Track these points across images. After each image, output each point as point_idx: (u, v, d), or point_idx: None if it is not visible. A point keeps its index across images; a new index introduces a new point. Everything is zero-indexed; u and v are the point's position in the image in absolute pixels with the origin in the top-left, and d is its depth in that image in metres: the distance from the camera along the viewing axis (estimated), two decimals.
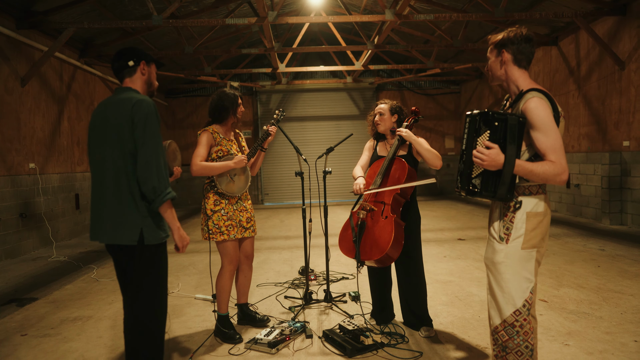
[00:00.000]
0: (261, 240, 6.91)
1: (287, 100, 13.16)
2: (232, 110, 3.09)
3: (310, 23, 10.59)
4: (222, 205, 3.04)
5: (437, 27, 8.31)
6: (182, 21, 6.61)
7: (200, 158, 2.98)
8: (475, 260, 5.08)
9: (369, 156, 3.20)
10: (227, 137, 3.15)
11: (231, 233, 3.03)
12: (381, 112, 3.08)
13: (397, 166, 2.91)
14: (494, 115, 1.84)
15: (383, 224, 2.79)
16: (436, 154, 2.86)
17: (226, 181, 3.04)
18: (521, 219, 1.90)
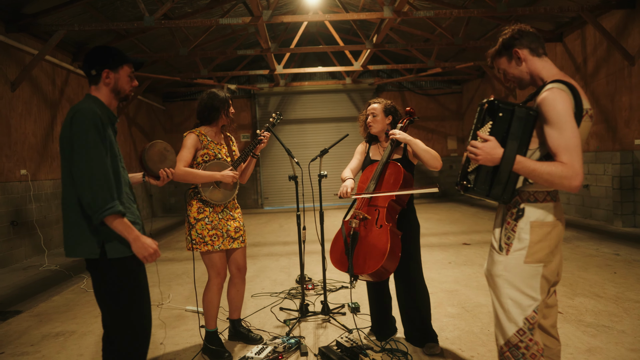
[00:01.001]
0: (259, 247, 6.69)
1: (285, 102, 12.97)
2: (222, 111, 2.88)
3: (307, 24, 10.41)
4: (206, 214, 2.83)
5: (438, 25, 8.09)
6: (174, 22, 6.42)
7: (183, 162, 2.77)
8: (482, 267, 4.84)
9: (361, 160, 2.97)
10: (216, 140, 2.94)
11: (216, 243, 2.81)
12: (374, 112, 2.85)
13: (392, 170, 2.68)
14: (498, 105, 1.64)
15: (377, 233, 2.56)
16: (434, 154, 2.63)
17: (210, 188, 2.82)
18: (524, 229, 1.68)
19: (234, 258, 2.97)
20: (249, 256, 5.98)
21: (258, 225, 9.13)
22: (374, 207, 2.66)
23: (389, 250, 2.46)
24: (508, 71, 1.81)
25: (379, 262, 2.46)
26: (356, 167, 2.95)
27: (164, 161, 2.22)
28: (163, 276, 5.11)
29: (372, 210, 2.66)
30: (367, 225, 2.64)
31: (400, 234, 2.60)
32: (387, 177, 2.68)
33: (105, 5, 6.93)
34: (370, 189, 2.67)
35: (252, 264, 5.53)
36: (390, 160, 2.74)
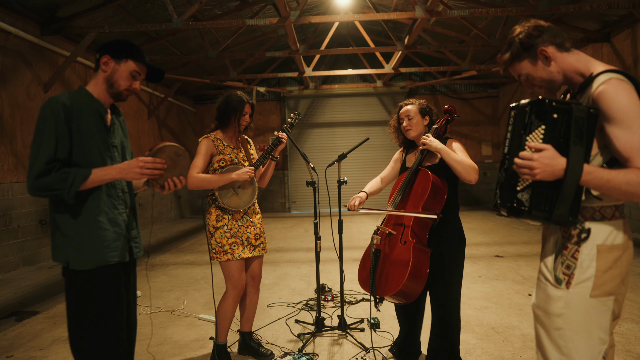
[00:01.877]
0: (281, 252, 6.54)
1: (315, 105, 12.83)
2: (233, 117, 2.74)
3: (337, 26, 10.23)
4: (225, 221, 2.71)
5: (473, 26, 7.73)
6: (202, 23, 6.38)
7: (197, 169, 2.65)
8: (515, 282, 4.49)
9: (394, 168, 2.73)
10: (232, 145, 2.80)
11: (235, 252, 2.68)
12: (409, 115, 2.57)
13: (421, 179, 2.42)
14: (551, 104, 1.33)
15: (400, 251, 2.32)
16: (469, 165, 2.31)
17: (229, 194, 2.70)
18: (589, 255, 1.38)
19: (249, 266, 2.84)
20: (270, 262, 5.83)
21: (283, 230, 8.99)
22: (400, 223, 2.42)
23: (411, 270, 2.21)
24: (534, 75, 1.52)
25: (399, 283, 2.23)
26: (387, 176, 2.72)
27: (175, 168, 1.91)
28: (181, 280, 5.03)
29: (398, 226, 2.43)
30: (391, 242, 2.41)
31: (429, 251, 2.35)
32: (415, 187, 2.43)
33: (136, 7, 7.00)
34: (396, 201, 2.44)
35: (272, 270, 5.38)
36: (421, 167, 2.48)
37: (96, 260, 1.72)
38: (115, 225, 1.79)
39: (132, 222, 1.91)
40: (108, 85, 1.80)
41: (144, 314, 3.84)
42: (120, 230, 1.81)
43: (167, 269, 5.64)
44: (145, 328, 3.46)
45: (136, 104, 9.53)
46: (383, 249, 2.43)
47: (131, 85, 1.82)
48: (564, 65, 1.48)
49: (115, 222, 1.80)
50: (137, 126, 9.55)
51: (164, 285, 4.80)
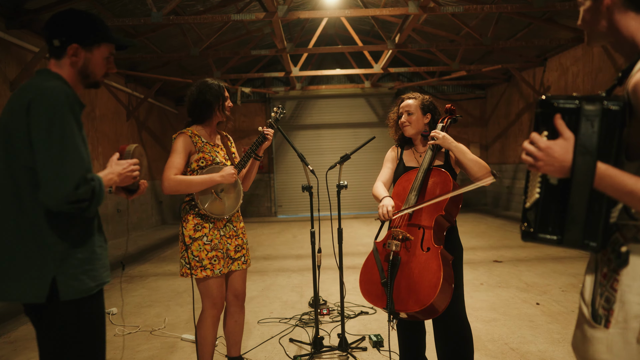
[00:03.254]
0: (269, 260, 6.19)
1: (301, 106, 12.52)
2: (216, 105, 2.40)
3: (325, 25, 9.94)
4: (205, 231, 2.34)
5: (465, 24, 7.53)
6: (183, 18, 6.02)
7: (174, 170, 2.28)
8: (520, 290, 4.24)
9: (393, 169, 2.44)
10: (212, 142, 2.46)
11: (216, 267, 2.32)
12: (409, 110, 2.32)
13: (437, 179, 2.15)
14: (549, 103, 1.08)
15: (425, 258, 2.02)
16: (483, 164, 2.12)
17: (211, 199, 2.34)
18: (632, 286, 1.06)
19: (230, 282, 2.48)
20: (258, 271, 5.48)
21: (270, 236, 8.64)
22: (417, 225, 2.12)
23: (443, 280, 1.92)
24: (582, 12, 1.23)
25: (429, 297, 1.92)
26: (388, 179, 2.42)
27: (141, 170, 1.69)
28: (162, 294, 4.64)
29: (414, 229, 2.12)
30: (409, 248, 2.10)
31: (451, 259, 2.07)
32: (430, 188, 2.16)
33: (112, 1, 6.58)
34: (411, 202, 2.13)
35: (261, 280, 5.03)
36: (433, 167, 2.21)
37: (92, 285, 1.44)
38: (105, 243, 1.56)
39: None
40: (82, 77, 1.51)
41: (120, 335, 3.45)
42: (103, 244, 1.55)
43: (146, 281, 5.23)
44: (117, 353, 3.08)
45: (114, 104, 9.06)
46: (401, 255, 2.12)
47: (108, 70, 1.56)
48: (619, 24, 1.13)
49: (104, 240, 1.55)
50: (115, 128, 9.07)
51: (142, 300, 4.41)
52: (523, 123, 10.46)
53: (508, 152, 11.24)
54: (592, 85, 7.82)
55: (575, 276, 4.63)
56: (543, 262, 5.37)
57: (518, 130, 10.72)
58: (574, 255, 5.65)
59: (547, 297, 3.99)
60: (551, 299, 3.91)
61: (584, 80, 8.07)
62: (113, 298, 4.49)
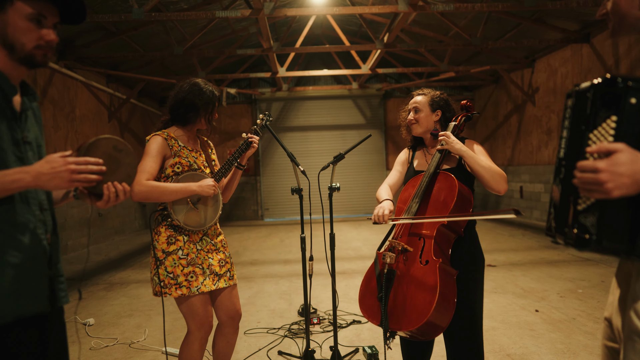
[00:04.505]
0: (256, 266, 5.97)
1: (288, 108, 12.33)
2: (204, 113, 2.18)
3: (312, 25, 9.79)
4: (180, 244, 2.11)
5: (454, 24, 7.44)
6: (166, 14, 5.81)
7: (146, 175, 2.03)
8: (517, 296, 4.11)
9: (402, 172, 2.25)
10: (190, 146, 2.23)
11: (193, 284, 2.09)
12: (417, 106, 2.14)
13: (442, 185, 1.97)
14: (626, 84, 0.93)
15: (422, 273, 1.84)
16: (499, 172, 1.93)
17: (186, 209, 2.11)
18: None
19: (221, 302, 2.24)
20: (245, 277, 5.26)
21: (257, 240, 8.41)
22: (417, 235, 1.94)
23: (439, 298, 1.74)
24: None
25: (423, 315, 1.74)
26: (396, 183, 2.23)
27: (117, 168, 1.34)
28: (144, 302, 4.39)
29: (414, 240, 1.94)
30: (407, 261, 1.91)
31: (455, 274, 1.88)
32: (435, 194, 1.97)
33: None
34: (412, 209, 1.95)
35: (247, 287, 4.82)
36: (440, 170, 2.03)
37: (15, 311, 1.17)
38: (30, 259, 1.22)
39: (56, 252, 1.33)
40: (7, 49, 1.21)
41: (96, 348, 3.21)
42: (38, 266, 1.25)
43: (127, 288, 4.97)
44: None
45: (94, 105, 8.74)
46: (398, 269, 1.93)
47: (41, 38, 1.22)
48: None
49: (30, 254, 1.22)
50: (96, 130, 8.74)
51: (122, 310, 4.16)
52: (511, 125, 10.43)
53: (496, 154, 11.20)
54: None
55: (572, 281, 4.52)
56: (537, 266, 5.27)
57: (506, 132, 10.69)
58: (569, 259, 5.56)
59: (545, 303, 3.86)
60: (550, 306, 3.78)
61: (574, 81, 8.05)
62: (91, 307, 4.24)
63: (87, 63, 8.25)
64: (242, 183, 12.17)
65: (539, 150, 9.22)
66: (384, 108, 12.42)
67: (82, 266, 6.40)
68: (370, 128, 12.26)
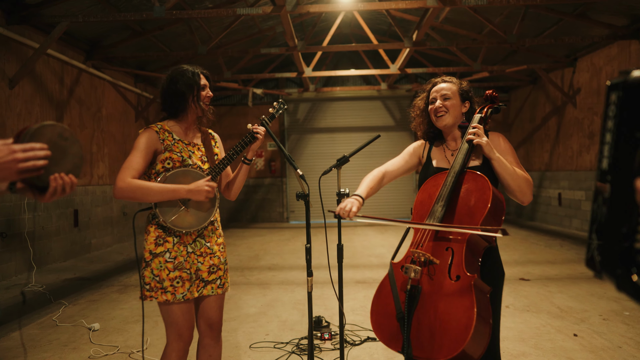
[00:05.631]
0: (274, 271, 5.77)
1: (315, 109, 12.12)
2: (190, 96, 1.99)
3: (339, 24, 9.56)
4: (168, 246, 1.94)
5: (489, 21, 7.02)
6: (187, 12, 5.70)
7: (132, 172, 1.86)
8: (553, 316, 3.71)
9: (409, 163, 2.00)
10: (187, 139, 2.05)
11: (179, 291, 1.91)
12: (446, 94, 1.87)
13: (471, 186, 1.69)
14: None
15: (454, 290, 1.56)
16: (526, 180, 1.71)
17: (174, 209, 1.92)
18: None
19: (203, 309, 2.05)
20: (261, 284, 5.07)
21: (279, 243, 8.23)
22: (445, 242, 1.66)
23: (477, 322, 1.46)
24: None
25: (458, 343, 1.47)
26: (395, 171, 1.98)
27: (63, 158, 1.20)
28: (154, 307, 4.25)
29: (440, 249, 1.66)
30: (433, 275, 1.63)
31: (488, 291, 1.60)
32: (463, 197, 1.69)
33: None
34: (437, 214, 1.68)
35: (261, 295, 4.62)
36: (468, 168, 1.76)
37: None
38: None
39: None
40: None
41: (95, 357, 3.08)
42: None
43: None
44: None
45: (121, 104, 8.82)
46: (423, 285, 1.65)
47: None
48: None
49: None
50: (123, 130, 8.83)
51: (131, 315, 4.04)
52: (550, 128, 9.82)
53: (533, 159, 10.60)
54: None
55: (617, 301, 4.06)
56: (576, 282, 4.81)
57: (544, 135, 10.09)
58: None
59: (585, 326, 3.45)
60: (591, 329, 3.37)
61: None
62: (101, 310, 4.15)
63: (115, 63, 8.32)
64: (268, 185, 12.06)
65: (580, 155, 8.61)
66: None
67: (102, 266, 6.40)
68: (400, 130, 11.89)
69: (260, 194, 11.95)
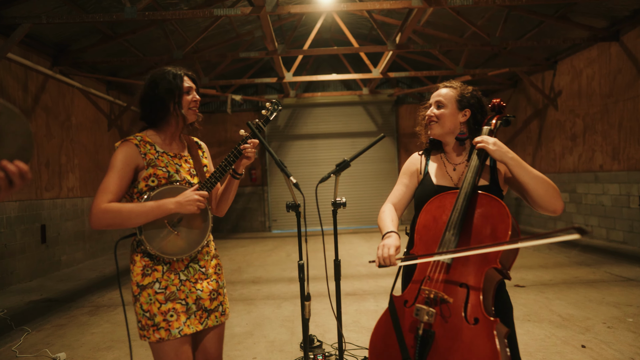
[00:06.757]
0: (258, 285, 5.46)
1: (296, 115, 11.88)
2: (172, 102, 1.71)
3: (320, 29, 9.38)
4: (157, 275, 1.65)
5: (472, 23, 6.93)
6: (161, 13, 5.38)
7: (108, 196, 1.58)
8: (556, 325, 3.53)
9: (410, 187, 1.76)
10: (172, 151, 1.77)
11: (174, 326, 1.63)
12: (440, 100, 1.68)
13: (486, 211, 1.45)
14: None
15: (472, 337, 1.31)
16: (551, 185, 1.48)
17: (163, 233, 1.63)
18: None
19: (204, 345, 1.78)
20: (245, 299, 4.75)
21: (262, 254, 7.91)
22: (459, 277, 1.41)
23: None
24: None
25: None
26: (401, 200, 1.73)
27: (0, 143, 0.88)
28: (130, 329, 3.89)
29: (453, 286, 1.41)
30: (447, 317, 1.38)
31: (507, 333, 1.37)
32: (478, 224, 1.45)
33: None
34: (449, 244, 1.43)
35: (245, 312, 4.31)
36: (479, 191, 1.52)
37: None
38: None
39: None
40: None
41: None
42: None
43: (114, 312, 4.49)
44: None
45: (93, 112, 8.38)
46: (436, 328, 1.39)
47: None
48: None
49: None
50: (95, 139, 8.38)
51: (102, 340, 3.67)
52: (531, 130, 9.83)
53: None
54: (610, 88, 7.20)
55: (617, 306, 3.92)
56: (573, 287, 4.67)
57: (526, 138, 10.09)
58: (607, 278, 4.95)
59: (591, 336, 3.28)
60: (598, 339, 3.19)
61: (601, 83, 7.46)
62: (69, 336, 3.76)
63: (85, 69, 7.90)
64: (249, 193, 11.72)
65: (563, 157, 8.61)
66: (396, 114, 11.91)
67: (73, 284, 5.96)
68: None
69: (241, 203, 11.60)
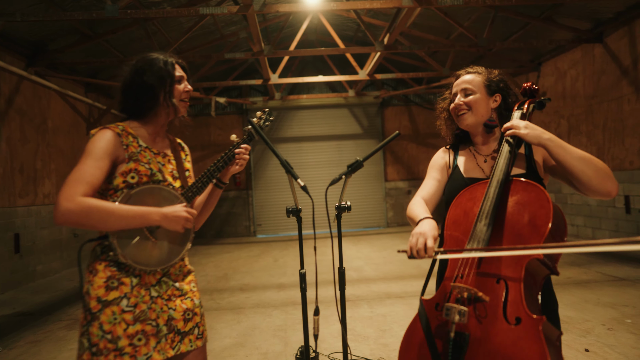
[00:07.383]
0: (247, 292, 5.27)
1: (281, 118, 11.72)
2: (162, 91, 1.55)
3: (306, 30, 9.27)
4: (125, 290, 1.45)
5: (459, 24, 6.92)
6: (143, 12, 5.19)
7: (84, 187, 1.37)
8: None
9: (441, 181, 1.63)
10: (156, 148, 1.60)
11: (141, 352, 1.43)
12: (468, 88, 1.56)
13: (522, 198, 1.33)
14: None
15: (515, 339, 1.17)
16: (602, 166, 1.34)
17: (137, 240, 1.45)
18: None
19: None
20: (233, 309, 4.57)
21: (248, 260, 7.71)
22: (495, 272, 1.28)
23: None
24: None
25: None
26: (433, 196, 1.61)
27: None
28: None
29: (489, 282, 1.28)
30: (483, 317, 1.25)
31: (558, 336, 1.25)
32: (513, 213, 1.33)
33: None
34: (482, 236, 1.31)
35: (235, 322, 4.12)
36: (514, 176, 1.41)
37: None
38: None
39: None
40: None
41: None
42: None
43: None
44: None
45: (70, 115, 8.07)
46: (472, 330, 1.26)
47: None
48: None
49: None
50: (72, 144, 8.06)
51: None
52: None
53: None
54: (595, 89, 7.28)
55: (614, 307, 3.88)
56: (567, 288, 4.63)
57: None
58: (599, 278, 4.94)
59: (593, 339, 3.21)
60: (600, 342, 3.13)
61: (585, 84, 7.53)
62: (44, 353, 3.51)
63: (63, 70, 7.60)
64: (233, 198, 11.49)
65: None
66: (381, 117, 11.86)
67: (49, 296, 5.67)
68: (368, 138, 11.68)
69: (225, 207, 11.36)
